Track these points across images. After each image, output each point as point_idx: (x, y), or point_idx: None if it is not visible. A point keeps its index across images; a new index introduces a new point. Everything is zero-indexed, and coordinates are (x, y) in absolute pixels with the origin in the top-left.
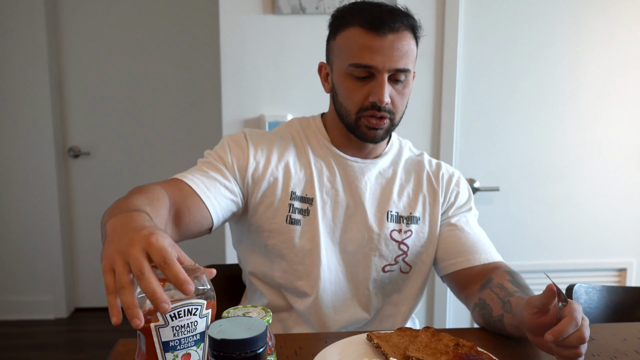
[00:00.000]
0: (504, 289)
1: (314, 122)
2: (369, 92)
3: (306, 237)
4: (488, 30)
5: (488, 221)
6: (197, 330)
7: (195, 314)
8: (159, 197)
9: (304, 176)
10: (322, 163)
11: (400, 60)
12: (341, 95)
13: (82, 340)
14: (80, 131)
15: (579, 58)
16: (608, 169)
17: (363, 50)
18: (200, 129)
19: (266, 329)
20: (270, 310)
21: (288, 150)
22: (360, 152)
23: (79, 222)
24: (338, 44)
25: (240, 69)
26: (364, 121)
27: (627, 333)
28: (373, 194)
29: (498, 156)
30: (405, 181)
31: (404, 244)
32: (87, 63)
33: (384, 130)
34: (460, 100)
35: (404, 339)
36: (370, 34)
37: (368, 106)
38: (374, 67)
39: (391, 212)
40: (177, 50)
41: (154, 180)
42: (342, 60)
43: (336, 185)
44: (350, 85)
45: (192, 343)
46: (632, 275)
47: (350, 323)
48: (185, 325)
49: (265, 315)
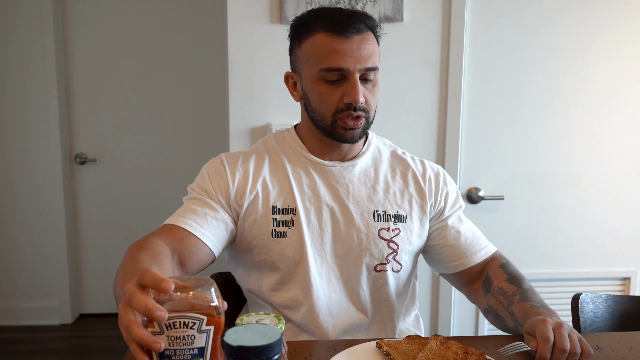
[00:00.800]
0: (504, 294)
1: (288, 134)
2: (343, 94)
3: (294, 247)
4: (494, 40)
5: (493, 230)
6: (195, 345)
7: (193, 327)
8: (160, 249)
9: (282, 188)
10: (301, 172)
11: (369, 59)
12: (314, 101)
13: (87, 346)
14: (87, 138)
15: (585, 68)
16: (613, 178)
17: (332, 54)
18: (207, 137)
19: (281, 336)
20: (283, 318)
21: (264, 167)
22: (338, 155)
23: (84, 228)
24: (304, 51)
25: (248, 78)
26: (340, 123)
27: (634, 342)
28: (357, 194)
29: (503, 165)
30: (390, 179)
31: (393, 242)
32: (95, 70)
33: (361, 129)
34: (466, 108)
35: (413, 346)
36: (337, 37)
37: (343, 108)
38: (346, 69)
39: (377, 211)
40: (184, 58)
41: (159, 187)
42: (311, 66)
43: (318, 192)
44: (322, 89)
45: (189, 356)
46: (636, 284)
47: (350, 327)
48: (181, 337)
49: (279, 323)
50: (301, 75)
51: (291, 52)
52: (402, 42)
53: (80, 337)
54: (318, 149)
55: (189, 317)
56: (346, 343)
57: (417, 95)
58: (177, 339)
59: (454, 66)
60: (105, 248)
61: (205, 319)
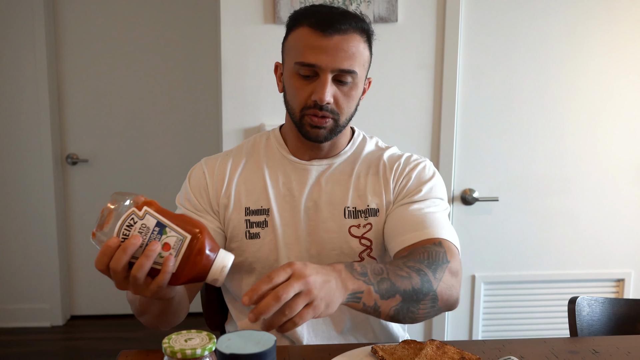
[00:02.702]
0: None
1: (272, 134)
2: (312, 90)
3: (268, 247)
4: (488, 42)
5: (486, 231)
6: (149, 225)
7: (132, 224)
8: None
9: (256, 189)
10: (278, 171)
11: (345, 61)
12: (289, 93)
13: (78, 348)
14: (78, 138)
15: (579, 71)
16: (607, 181)
17: (308, 49)
18: (200, 138)
19: (275, 344)
20: (214, 336)
21: (239, 168)
22: (318, 154)
23: (76, 229)
24: (288, 43)
25: (241, 78)
26: (307, 119)
27: (631, 346)
28: (330, 193)
29: (497, 167)
30: (362, 175)
31: (365, 238)
32: (87, 70)
33: (327, 129)
34: (460, 110)
35: (408, 352)
36: (317, 33)
37: (311, 105)
38: (317, 66)
39: (348, 207)
40: (177, 58)
41: (151, 188)
42: (290, 58)
43: (293, 191)
44: (295, 83)
45: (157, 236)
46: (630, 285)
47: (331, 330)
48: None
49: (209, 342)
50: (284, 66)
51: (282, 44)
52: (397, 43)
53: (72, 339)
54: (298, 148)
55: (124, 221)
56: (340, 348)
57: (412, 97)
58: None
59: (448, 67)
60: (97, 249)
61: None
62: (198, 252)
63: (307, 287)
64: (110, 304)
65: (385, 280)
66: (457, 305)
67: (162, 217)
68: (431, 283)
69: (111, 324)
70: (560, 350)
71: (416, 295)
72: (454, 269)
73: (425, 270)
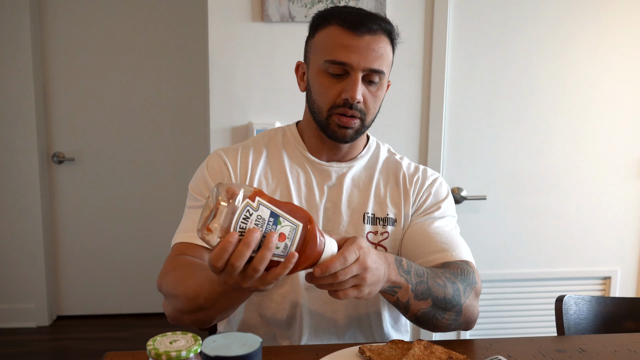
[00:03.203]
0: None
1: (289, 131)
2: (342, 89)
3: None
4: (476, 41)
5: (474, 229)
6: (264, 216)
7: (248, 217)
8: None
9: (278, 185)
10: (299, 169)
11: (375, 61)
12: (315, 92)
13: (65, 349)
14: (65, 137)
15: (567, 69)
16: (594, 179)
17: (339, 48)
18: (188, 137)
19: (261, 345)
20: (200, 338)
21: (262, 160)
22: (336, 155)
23: (62, 229)
24: (316, 41)
25: (229, 77)
26: (334, 119)
27: (618, 345)
28: (350, 196)
29: (485, 165)
30: (382, 183)
31: (381, 245)
32: (73, 68)
33: (354, 130)
34: (448, 109)
35: (396, 352)
36: (348, 32)
37: (340, 103)
38: (349, 65)
39: (367, 213)
40: (165, 56)
41: (139, 187)
42: (318, 57)
43: (313, 190)
44: (324, 81)
45: (272, 227)
46: (617, 283)
47: (333, 332)
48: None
49: (194, 344)
50: (309, 65)
51: (306, 43)
52: None
53: (58, 340)
54: (316, 147)
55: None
56: (328, 348)
57: (400, 96)
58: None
59: (436, 66)
60: (84, 249)
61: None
62: (311, 240)
63: (362, 275)
64: (97, 304)
65: (423, 282)
66: (473, 326)
67: (274, 207)
68: (460, 297)
69: (98, 324)
70: (548, 349)
71: (445, 304)
72: (478, 291)
73: (458, 284)
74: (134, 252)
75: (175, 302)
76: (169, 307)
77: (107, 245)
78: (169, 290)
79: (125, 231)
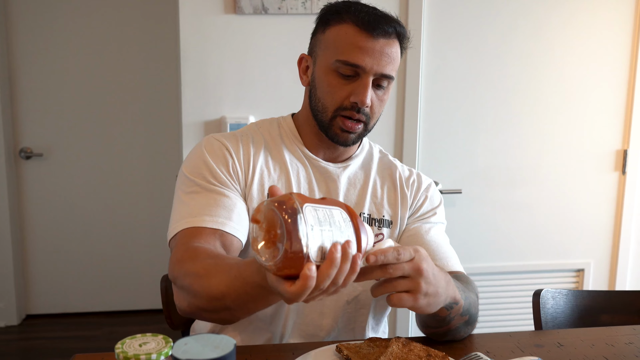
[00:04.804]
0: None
1: (285, 123)
2: (351, 92)
3: None
4: (451, 36)
5: (450, 223)
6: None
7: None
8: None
9: (281, 176)
10: (299, 164)
11: (387, 65)
12: (321, 90)
13: (35, 349)
14: (32, 131)
15: (541, 64)
16: (568, 172)
17: (354, 49)
18: (160, 131)
19: (234, 348)
20: (171, 340)
21: (261, 152)
22: (332, 154)
23: (31, 226)
24: (327, 37)
25: (201, 70)
26: (339, 121)
27: (595, 338)
28: (346, 196)
29: (461, 159)
30: (379, 184)
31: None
32: (41, 60)
33: (357, 134)
34: (424, 104)
35: (374, 349)
36: (364, 34)
37: (347, 106)
38: (362, 68)
39: (363, 213)
40: (136, 48)
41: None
42: (329, 54)
43: (313, 186)
44: (333, 81)
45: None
46: (590, 275)
47: (314, 330)
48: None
49: (165, 347)
50: (316, 60)
51: (313, 35)
52: None
53: (28, 340)
54: (313, 144)
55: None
56: (304, 347)
57: None
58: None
59: (411, 61)
60: (54, 246)
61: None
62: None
63: (416, 279)
64: (67, 302)
65: (467, 299)
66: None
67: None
68: (478, 310)
69: (68, 322)
70: (526, 345)
71: (473, 319)
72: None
73: (476, 299)
74: (104, 249)
75: (194, 300)
76: (184, 302)
77: (77, 242)
78: (188, 286)
79: (96, 228)
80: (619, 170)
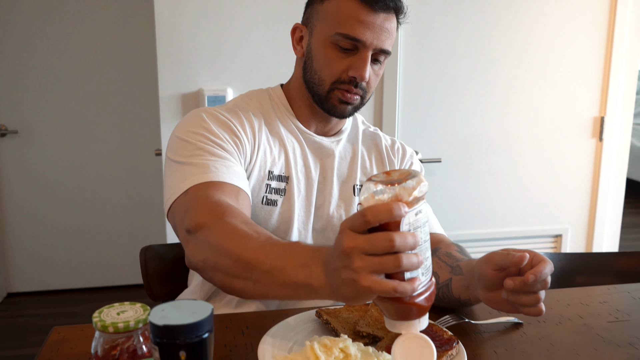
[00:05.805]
0: (451, 257)
1: (275, 95)
2: (350, 65)
3: (282, 217)
4: (430, 5)
5: (430, 192)
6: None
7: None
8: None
9: (278, 154)
10: (294, 140)
11: (386, 40)
12: (318, 62)
13: (17, 326)
14: (6, 108)
15: (519, 31)
16: (546, 139)
17: (355, 23)
18: (137, 104)
19: (212, 313)
20: (149, 308)
21: (261, 127)
22: (324, 127)
23: (8, 204)
24: (326, 9)
25: (177, 42)
26: (337, 94)
27: (570, 298)
28: (339, 169)
29: (440, 128)
30: (366, 155)
31: None
32: (13, 33)
33: (354, 106)
34: (402, 72)
35: (353, 314)
36: (365, 7)
37: (345, 80)
38: (362, 42)
39: (357, 185)
40: (110, 22)
41: (87, 158)
42: (328, 27)
43: (308, 162)
44: (331, 54)
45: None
46: (567, 241)
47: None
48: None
49: (142, 314)
50: (312, 31)
51: (309, 5)
52: None
53: (10, 317)
54: (306, 117)
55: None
56: (284, 313)
57: None
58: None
59: None
60: (33, 224)
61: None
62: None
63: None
64: (48, 279)
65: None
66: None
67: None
68: None
69: (51, 299)
70: None
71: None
72: None
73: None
74: (84, 225)
75: (217, 256)
76: (200, 254)
77: (56, 219)
78: (215, 240)
79: (74, 204)
80: (596, 137)
